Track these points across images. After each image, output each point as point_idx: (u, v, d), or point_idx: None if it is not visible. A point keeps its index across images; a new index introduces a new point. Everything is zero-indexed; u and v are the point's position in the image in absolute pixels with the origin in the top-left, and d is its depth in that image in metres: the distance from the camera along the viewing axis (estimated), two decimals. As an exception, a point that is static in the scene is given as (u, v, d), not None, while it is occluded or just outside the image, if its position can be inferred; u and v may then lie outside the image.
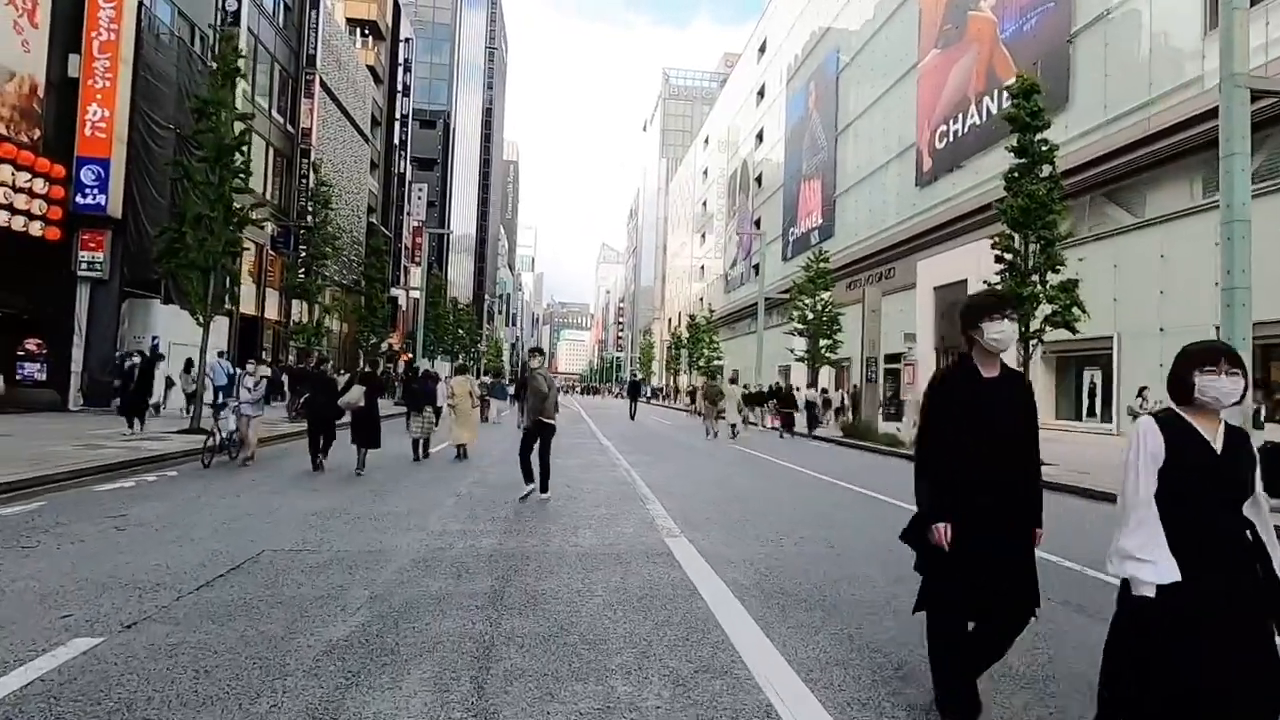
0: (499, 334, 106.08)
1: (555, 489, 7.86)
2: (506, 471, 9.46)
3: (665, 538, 5.63)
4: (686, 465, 11.23)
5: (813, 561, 5.00)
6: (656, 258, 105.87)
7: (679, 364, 49.96)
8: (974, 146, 23.81)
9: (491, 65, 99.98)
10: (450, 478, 8.87)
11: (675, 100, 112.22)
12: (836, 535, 5.98)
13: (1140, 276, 16.99)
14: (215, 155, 13.32)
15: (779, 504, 7.58)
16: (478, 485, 8.29)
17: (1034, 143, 13.35)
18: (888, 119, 30.48)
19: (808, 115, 40.50)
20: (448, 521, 6.09)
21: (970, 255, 23.37)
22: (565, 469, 10.06)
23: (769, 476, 10.24)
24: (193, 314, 13.51)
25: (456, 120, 73.36)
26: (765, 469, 11.29)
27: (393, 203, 46.11)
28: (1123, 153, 17.45)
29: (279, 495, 7.19)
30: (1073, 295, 12.76)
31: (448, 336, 41.38)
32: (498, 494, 7.66)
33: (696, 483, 9.09)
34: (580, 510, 6.83)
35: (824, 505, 7.66)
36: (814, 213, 38.68)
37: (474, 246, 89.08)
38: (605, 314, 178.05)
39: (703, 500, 7.66)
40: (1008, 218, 13.36)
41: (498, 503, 7.12)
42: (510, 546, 5.22)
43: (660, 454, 13.16)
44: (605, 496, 7.69)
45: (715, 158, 65.16)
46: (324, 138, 32.63)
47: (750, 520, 6.52)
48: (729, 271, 58.20)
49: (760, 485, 9.12)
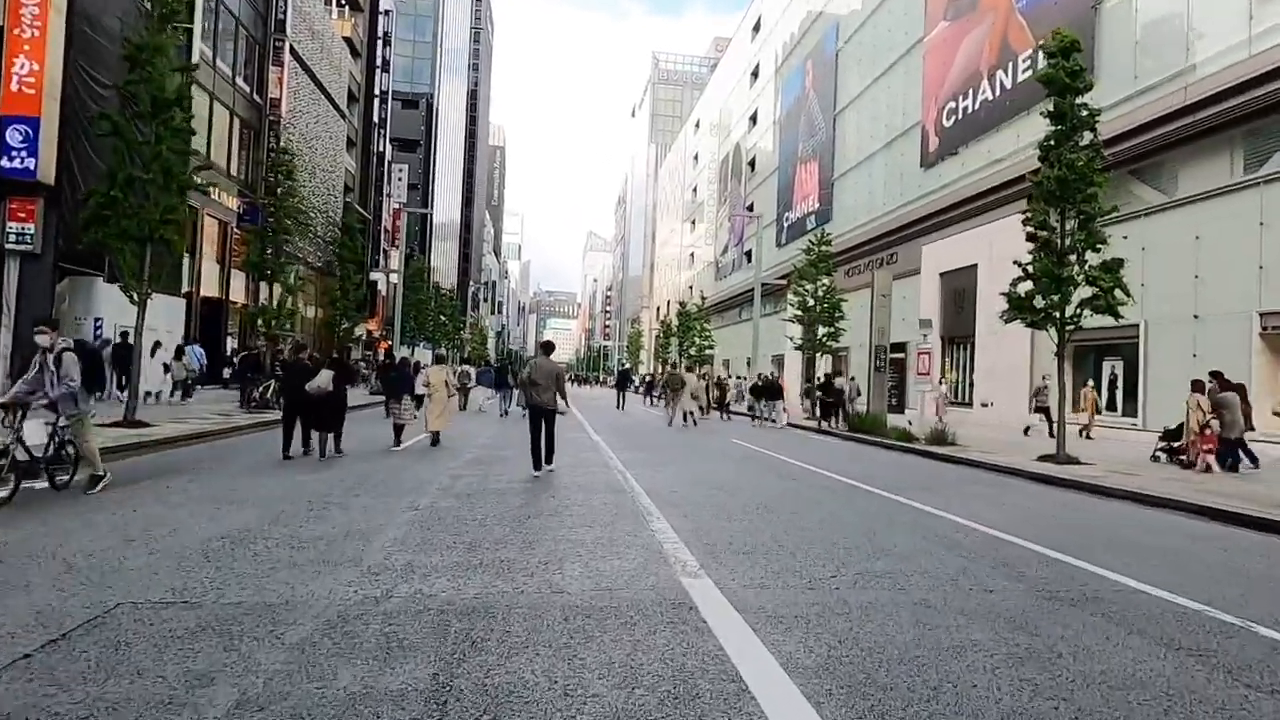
0: (484, 322, 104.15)
1: (539, 500, 6.47)
2: (482, 473, 8.04)
3: (681, 576, 4.23)
4: (690, 466, 9.83)
5: (890, 618, 3.63)
6: (645, 246, 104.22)
7: (668, 353, 48.58)
8: (985, 124, 22.49)
9: (477, 47, 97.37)
10: (415, 481, 7.43)
11: (665, 85, 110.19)
12: (902, 570, 4.61)
13: (1170, 260, 15.78)
14: (150, 110, 11.66)
15: (812, 520, 6.20)
16: (445, 493, 6.85)
17: (1073, 106, 12.01)
18: (891, 97, 29.09)
19: (804, 95, 39.03)
20: (393, 550, 4.66)
21: (982, 239, 22.10)
22: (550, 473, 8.64)
23: (787, 480, 8.87)
24: (125, 291, 11.87)
25: (440, 101, 71.10)
26: (780, 470, 9.92)
27: (371, 183, 44.20)
28: (1154, 126, 16.17)
29: (185, 508, 5.71)
30: (1116, 277, 11.48)
31: (429, 323, 39.64)
32: (466, 506, 6.23)
33: (706, 490, 7.69)
34: (567, 531, 5.42)
35: (865, 520, 6.30)
36: (810, 197, 37.30)
37: (458, 232, 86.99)
38: (592, 303, 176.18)
39: (718, 515, 6.26)
40: (1042, 190, 12.03)
41: (465, 519, 5.69)
42: (469, 594, 3.80)
43: (657, 451, 11.76)
44: (598, 510, 6.28)
45: (706, 142, 63.53)
46: (295, 110, 30.73)
47: (784, 546, 5.14)
48: (720, 258, 56.78)
49: (782, 493, 7.74)
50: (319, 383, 9.12)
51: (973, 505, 7.39)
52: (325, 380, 9.17)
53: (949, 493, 8.27)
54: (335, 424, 9.52)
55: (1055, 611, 3.84)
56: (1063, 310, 12.05)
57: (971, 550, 5.24)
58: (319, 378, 9.19)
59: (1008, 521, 6.49)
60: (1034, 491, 8.86)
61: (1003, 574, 4.59)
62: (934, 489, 8.49)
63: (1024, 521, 6.57)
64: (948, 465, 11.82)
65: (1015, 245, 20.84)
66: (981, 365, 22.17)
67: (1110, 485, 9.03)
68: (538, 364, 8.76)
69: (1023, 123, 20.58)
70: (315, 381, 9.13)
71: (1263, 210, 13.97)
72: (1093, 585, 4.41)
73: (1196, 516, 7.34)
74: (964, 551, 5.18)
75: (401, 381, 11.68)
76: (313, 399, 9.13)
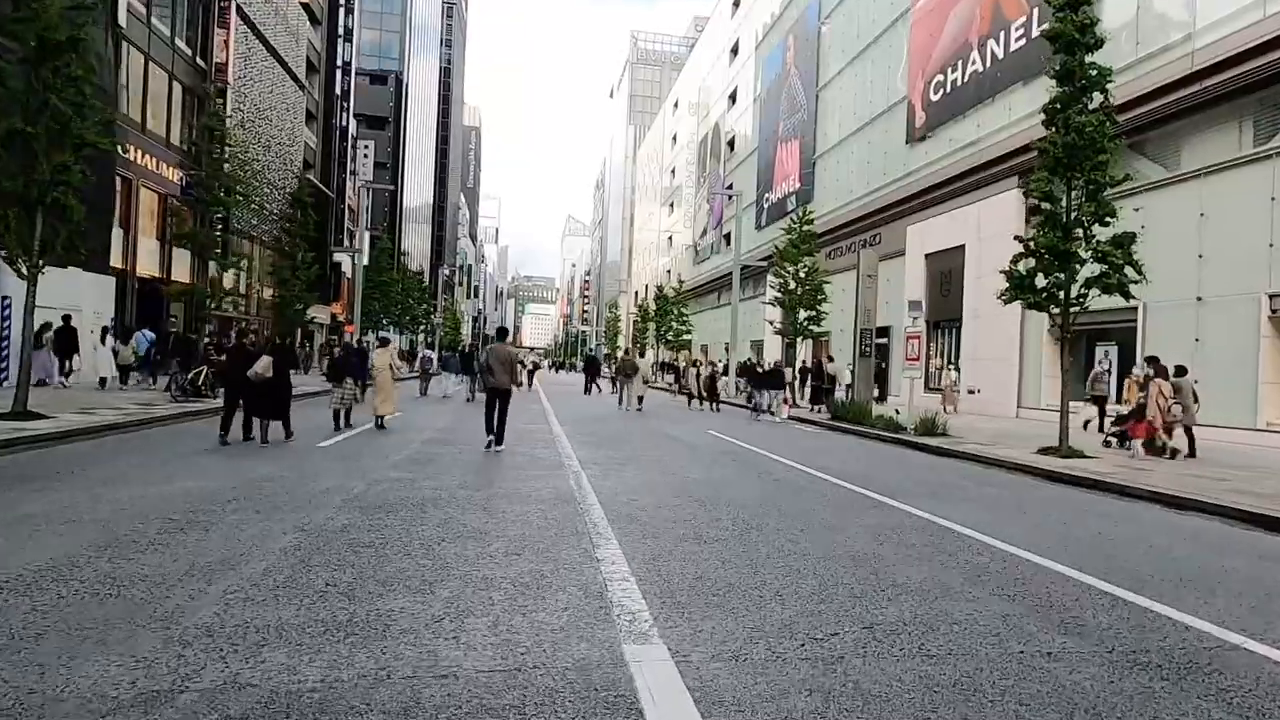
0: (459, 306, 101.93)
1: (465, 514, 5.25)
2: (411, 476, 6.75)
3: (626, 641, 3.03)
4: (657, 466, 8.63)
5: (923, 714, 2.45)
6: (623, 230, 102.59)
7: (646, 338, 47.39)
8: (975, 97, 21.44)
9: (450, 23, 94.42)
10: (322, 488, 6.14)
11: (644, 65, 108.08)
12: (924, 619, 3.45)
13: (1172, 238, 14.86)
14: (37, 54, 10.07)
15: (804, 542, 5.03)
16: (351, 505, 5.58)
17: (1082, 65, 10.91)
18: (876, 71, 27.94)
19: (785, 72, 37.75)
20: (235, 600, 3.39)
21: (970, 219, 21.13)
22: (494, 468, 7.39)
23: (770, 482, 7.72)
24: (10, 263, 10.33)
25: (410, 77, 68.58)
26: (761, 470, 8.77)
27: (334, 159, 42.14)
28: (1156, 96, 15.20)
29: (8, 528, 4.38)
30: (1128, 253, 10.46)
31: (395, 307, 37.91)
32: (370, 523, 4.96)
33: (674, 497, 6.49)
34: (488, 562, 4.19)
35: (869, 541, 5.15)
36: (791, 176, 36.15)
37: (431, 214, 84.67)
38: (571, 288, 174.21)
39: (686, 535, 5.07)
40: (1049, 158, 10.94)
41: (360, 544, 4.43)
42: (309, 682, 2.56)
43: (622, 446, 10.55)
44: (536, 529, 5.05)
45: (685, 122, 62.03)
46: (246, 78, 28.76)
47: (768, 584, 3.96)
48: (698, 241, 55.55)
49: (764, 500, 6.57)
50: (257, 368, 8.98)
51: (989, 514, 6.30)
52: (264, 366, 9.01)
53: (957, 497, 7.19)
54: (279, 411, 9.40)
55: (1152, 694, 2.70)
56: (1068, 290, 11.03)
57: (1005, 584, 4.11)
58: (258, 363, 9.03)
59: (1036, 538, 5.39)
60: (1051, 494, 7.81)
61: (1056, 624, 3.46)
62: (939, 493, 7.39)
63: (1055, 537, 5.48)
64: (945, 460, 10.77)
65: (1006, 224, 19.92)
66: (968, 350, 21.29)
67: (1130, 484, 8.01)
68: (493, 349, 9.51)
69: (1015, 95, 19.56)
70: (254, 367, 8.98)
71: (1274, 185, 13.07)
72: (1188, 643, 3.29)
73: (1240, 523, 6.33)
74: (997, 586, 4.05)
75: (346, 365, 11.37)
76: (254, 385, 9.02)
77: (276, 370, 9.16)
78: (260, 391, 9.08)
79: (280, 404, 9.38)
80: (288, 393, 9.59)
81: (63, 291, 16.99)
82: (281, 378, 9.35)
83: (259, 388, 9.04)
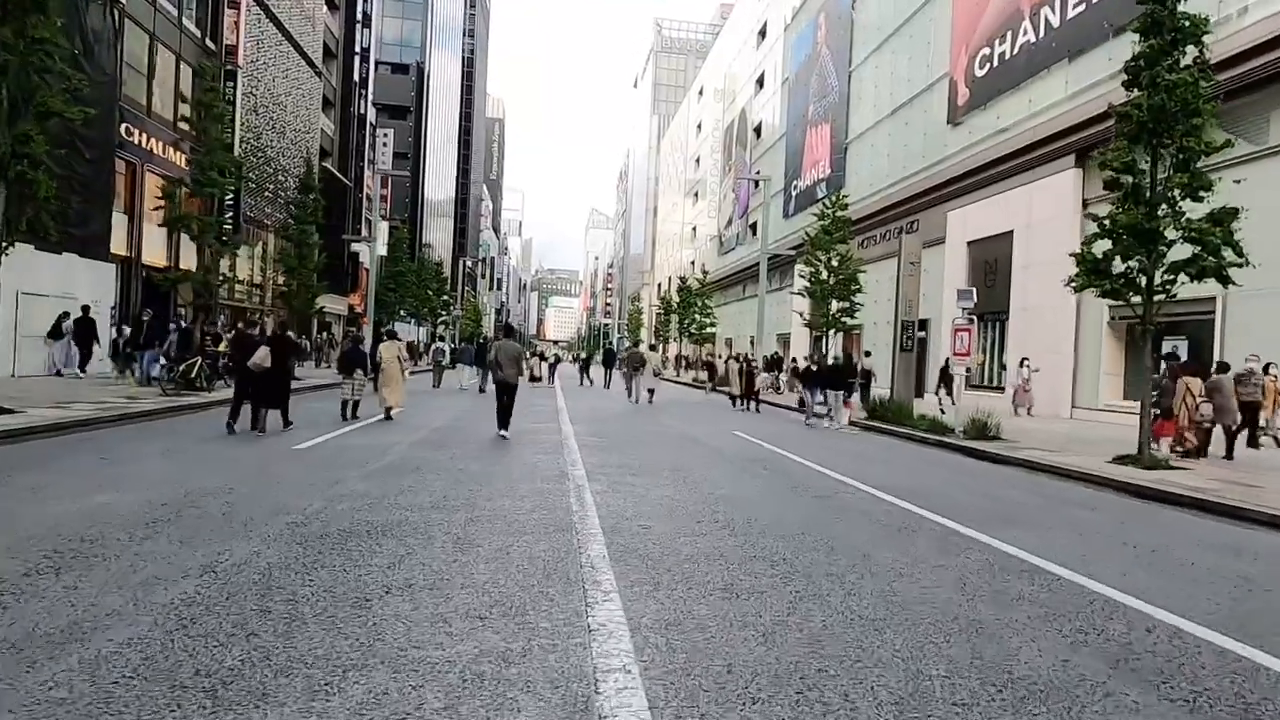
0: (482, 298, 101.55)
1: (429, 546, 4.12)
2: (385, 488, 5.61)
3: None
4: (676, 477, 7.42)
5: None
6: (646, 221, 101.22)
7: (668, 330, 46.15)
8: (1026, 70, 19.77)
9: (473, 12, 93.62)
10: (272, 503, 5.06)
11: (668, 54, 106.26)
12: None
13: (1259, 219, 13.18)
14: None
15: (869, 600, 3.80)
16: (295, 529, 4.49)
17: (1174, 14, 9.42)
18: (913, 48, 26.27)
19: (815, 53, 36.09)
20: (41, 706, 2.29)
21: (1019, 203, 19.52)
22: (483, 480, 6.26)
23: (811, 501, 6.49)
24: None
25: (432, 68, 67.88)
26: (799, 483, 7.53)
27: (352, 147, 41.47)
28: (1244, 59, 13.53)
29: None
30: (1228, 231, 8.99)
31: (410, 298, 37.11)
32: (305, 559, 3.85)
33: (695, 524, 5.29)
34: (432, 635, 3.04)
35: (958, 594, 3.91)
36: (821, 162, 34.56)
37: (454, 205, 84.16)
38: (594, 280, 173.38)
39: (711, 583, 3.87)
40: (1132, 123, 9.48)
41: (277, 591, 3.32)
42: None
43: (637, 451, 9.37)
44: (514, 574, 3.89)
45: (710, 109, 60.42)
46: (258, 62, 28.03)
47: (833, 675, 2.75)
48: (723, 232, 54.07)
49: (806, 529, 5.34)
50: (256, 359, 9.17)
51: (1089, 549, 5.01)
52: (262, 356, 9.19)
53: (1040, 522, 5.90)
54: (278, 400, 9.59)
55: None
56: (1150, 275, 9.59)
57: (1177, 679, 2.86)
58: (256, 354, 9.21)
59: (1178, 592, 4.10)
60: (1154, 519, 6.46)
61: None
62: (1017, 517, 6.10)
63: (1205, 591, 4.18)
64: (1005, 470, 9.43)
65: (1060, 207, 18.32)
66: (1015, 345, 19.70)
67: (1244, 505, 6.64)
68: (501, 346, 10.38)
69: (1074, 66, 17.90)
70: (254, 358, 9.18)
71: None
72: None
73: None
74: (1165, 683, 2.80)
75: (355, 358, 11.70)
76: (257, 375, 9.22)
77: (276, 360, 9.35)
78: (261, 380, 9.28)
79: (276, 393, 9.52)
80: (287, 382, 9.85)
81: (55, 278, 16.32)
82: (281, 368, 9.56)
83: (260, 377, 9.26)
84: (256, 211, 28.42)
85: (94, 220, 17.67)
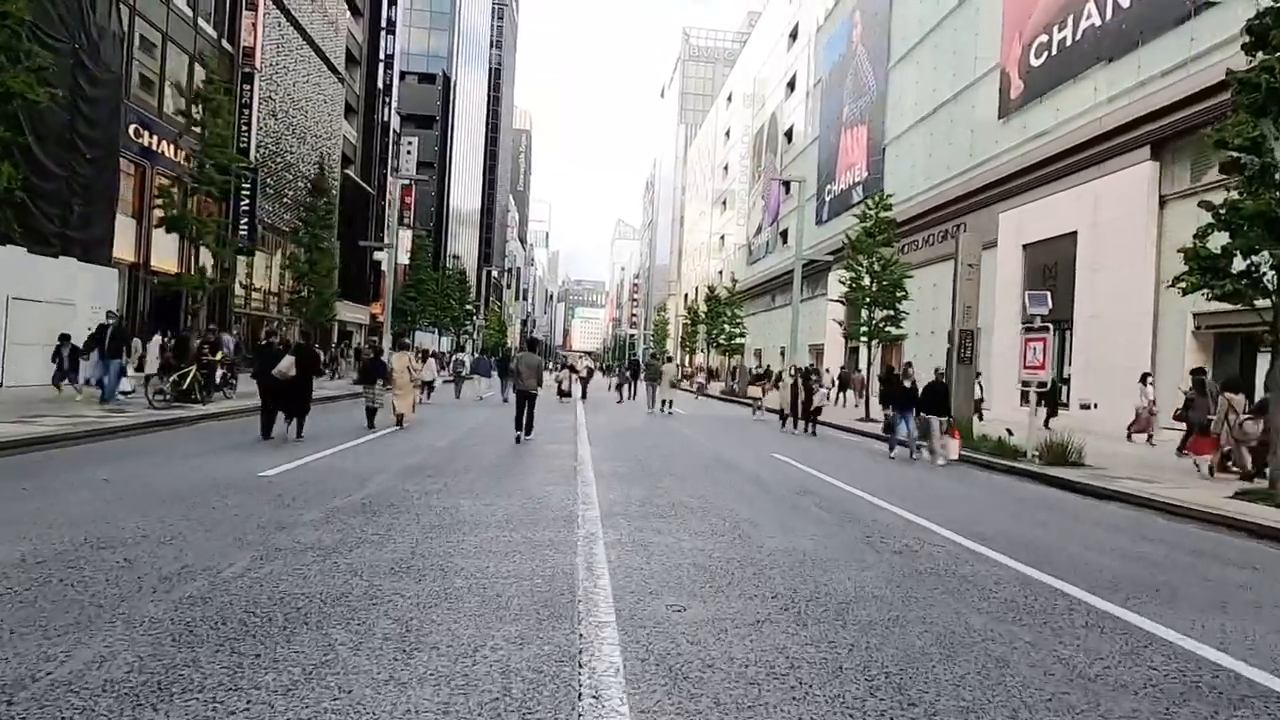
0: (508, 309, 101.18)
1: (362, 650, 2.78)
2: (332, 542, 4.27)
3: None
4: (712, 520, 5.99)
5: None
6: (673, 231, 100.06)
7: (695, 341, 44.72)
8: (1090, 56, 18.10)
9: (500, 23, 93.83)
10: (179, 566, 3.80)
11: (695, 62, 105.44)
12: None
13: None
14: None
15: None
16: (178, 615, 3.19)
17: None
18: (958, 41, 24.68)
19: (850, 52, 34.61)
20: None
21: (1084, 200, 17.78)
22: (472, 524, 4.88)
23: (892, 561, 5.04)
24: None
25: (458, 78, 67.76)
26: (866, 527, 6.08)
27: (375, 155, 40.97)
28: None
29: None
30: (1388, 218, 7.36)
31: (431, 307, 36.23)
32: (147, 680, 2.55)
33: (742, 602, 3.85)
34: None
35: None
36: (857, 165, 32.99)
37: (479, 215, 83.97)
38: (619, 291, 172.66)
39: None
40: (1260, 91, 7.91)
41: None
42: None
43: (664, 481, 7.95)
44: (474, 708, 2.53)
45: (739, 115, 59.14)
46: (278, 66, 27.47)
47: None
48: (752, 240, 52.58)
49: (903, 614, 3.88)
50: (281, 368, 9.42)
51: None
52: (287, 366, 9.46)
53: (1213, 598, 4.37)
54: (298, 410, 9.82)
55: None
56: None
57: None
58: (282, 363, 9.47)
59: None
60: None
61: None
62: (1175, 587, 4.58)
63: None
64: (1107, 507, 7.84)
65: (1133, 204, 16.56)
66: (1081, 358, 17.92)
67: None
68: (522, 357, 11.43)
69: (1148, 50, 16.20)
70: (279, 366, 9.42)
71: None
72: None
73: None
74: None
75: (375, 368, 12.32)
76: (281, 384, 9.49)
77: (299, 370, 9.59)
78: (284, 389, 9.56)
79: (297, 402, 9.77)
80: (307, 394, 10.00)
81: (51, 282, 15.47)
82: (303, 378, 9.76)
83: (283, 385, 9.51)
84: (275, 218, 27.77)
85: (95, 223, 16.90)
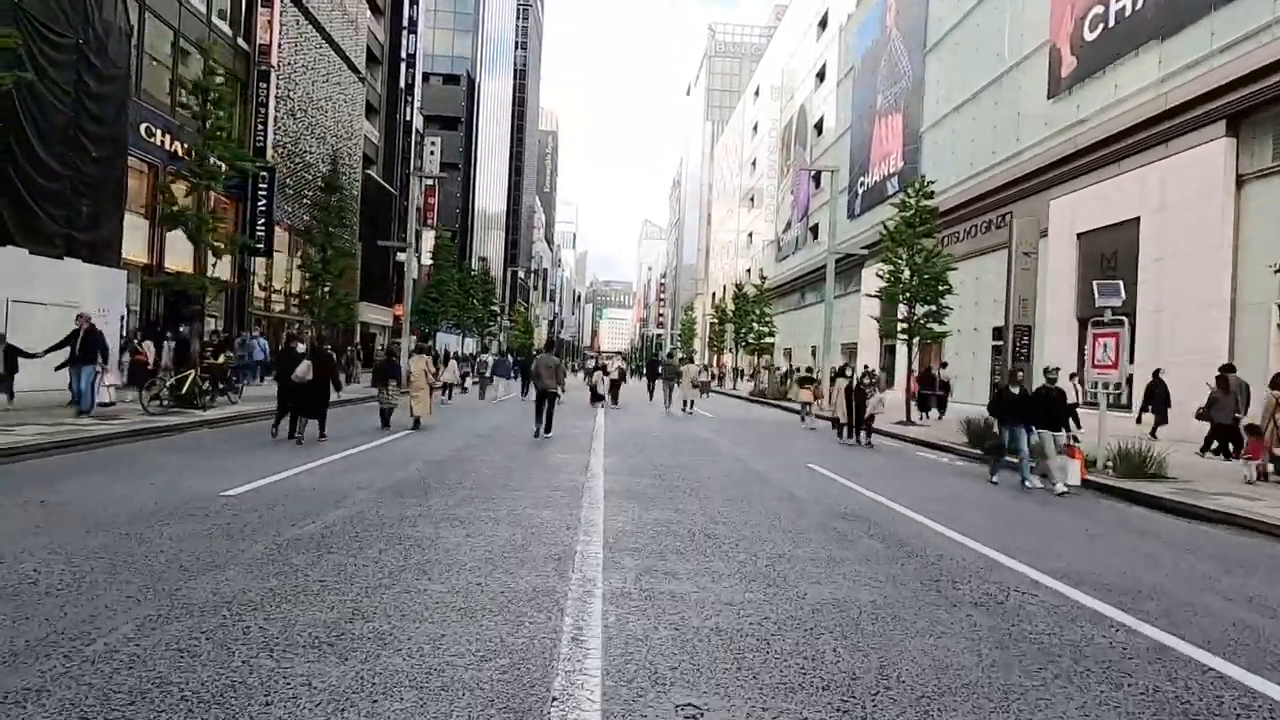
0: (535, 310, 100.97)
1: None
2: (263, 593, 3.34)
3: None
4: (741, 557, 4.91)
5: None
6: (700, 230, 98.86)
7: (722, 341, 43.55)
8: (1154, 26, 16.56)
9: (525, 24, 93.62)
10: (95, 614, 2.93)
11: (721, 58, 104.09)
12: None
13: None
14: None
15: None
16: (60, 681, 2.29)
17: None
18: (1001, 18, 23.17)
19: (884, 37, 33.14)
20: None
21: (1147, 184, 16.25)
22: (443, 565, 3.92)
23: (974, 617, 3.97)
24: None
25: (483, 79, 67.56)
26: (929, 567, 4.98)
27: (397, 155, 40.60)
28: None
29: None
30: None
31: (453, 308, 35.65)
32: None
33: (784, 701, 2.82)
34: None
35: None
36: (892, 155, 31.52)
37: (505, 217, 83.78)
38: (646, 291, 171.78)
39: None
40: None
41: None
42: None
43: (686, 503, 6.90)
44: None
45: (767, 108, 57.74)
46: (296, 64, 27.07)
47: None
48: (781, 236, 51.16)
49: (1002, 704, 2.81)
50: (299, 371, 9.72)
51: None
52: (305, 369, 9.75)
53: None
54: (316, 411, 10.11)
55: None
56: None
57: None
58: (299, 367, 9.75)
59: None
60: None
61: None
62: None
63: None
64: (1219, 532, 6.58)
65: (1207, 186, 14.94)
66: (1145, 355, 16.41)
67: None
68: (542, 359, 12.38)
69: (1223, 14, 14.67)
70: (297, 371, 9.71)
71: None
72: None
73: None
74: None
75: (390, 369, 12.75)
76: (299, 386, 9.79)
77: (316, 374, 9.83)
78: (302, 392, 9.85)
79: (316, 405, 10.04)
80: (326, 395, 10.20)
81: (55, 285, 14.97)
82: (320, 382, 10.00)
83: (302, 388, 9.80)
84: (294, 219, 27.37)
85: (103, 223, 16.44)
